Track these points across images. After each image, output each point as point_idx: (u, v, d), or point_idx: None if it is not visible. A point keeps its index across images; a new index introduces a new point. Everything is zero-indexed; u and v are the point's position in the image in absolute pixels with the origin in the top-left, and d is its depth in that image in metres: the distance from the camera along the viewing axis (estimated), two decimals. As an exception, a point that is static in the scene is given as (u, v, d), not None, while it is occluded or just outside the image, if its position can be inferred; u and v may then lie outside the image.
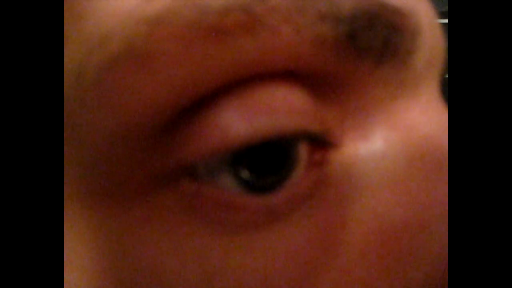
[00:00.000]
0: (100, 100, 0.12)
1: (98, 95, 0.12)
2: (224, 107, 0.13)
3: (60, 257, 0.13)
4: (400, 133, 0.14)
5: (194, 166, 0.13)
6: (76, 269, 0.14)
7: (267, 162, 0.13)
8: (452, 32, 0.14)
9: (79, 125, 0.12)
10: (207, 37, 0.12)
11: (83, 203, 0.13)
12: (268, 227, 0.13)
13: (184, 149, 0.13)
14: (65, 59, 0.12)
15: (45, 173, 0.12)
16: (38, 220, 0.12)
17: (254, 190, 0.13)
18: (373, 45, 0.13)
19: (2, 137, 0.12)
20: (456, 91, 0.13)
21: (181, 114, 0.13)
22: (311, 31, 0.13)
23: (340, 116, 0.14)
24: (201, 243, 0.13)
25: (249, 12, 0.12)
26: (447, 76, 0.15)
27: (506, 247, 0.13)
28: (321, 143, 0.14)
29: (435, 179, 0.14)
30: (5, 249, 0.12)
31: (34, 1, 0.12)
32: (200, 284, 0.13)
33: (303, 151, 0.13)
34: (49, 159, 0.12)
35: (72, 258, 0.14)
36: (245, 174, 0.13)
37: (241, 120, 0.13)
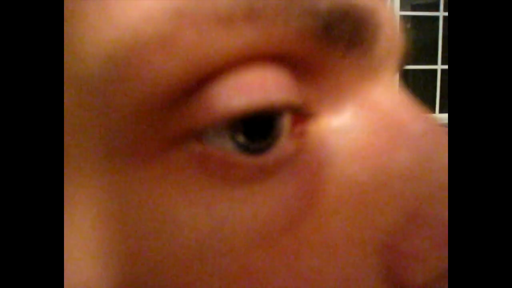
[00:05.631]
0: (130, 75, 0.15)
1: (128, 71, 0.15)
2: (227, 84, 0.16)
3: (60, 220, 0.15)
4: (366, 109, 0.18)
5: (201, 131, 0.16)
6: (77, 232, 0.16)
7: (259, 130, 0.16)
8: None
9: (109, 96, 0.15)
10: (218, 25, 0.15)
11: (101, 164, 0.16)
12: (261, 181, 0.16)
13: (193, 117, 0.16)
14: (95, 42, 0.15)
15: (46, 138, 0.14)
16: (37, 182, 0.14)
17: (249, 152, 0.16)
18: (344, 35, 0.17)
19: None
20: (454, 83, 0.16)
21: (192, 88, 0.16)
22: (297, 22, 0.16)
23: (317, 94, 0.17)
24: (209, 196, 0.16)
25: (252, 6, 0.15)
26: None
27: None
28: (301, 115, 0.17)
29: (395, 145, 0.17)
30: (6, 212, 0.14)
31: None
32: (210, 231, 0.16)
33: (287, 122, 0.17)
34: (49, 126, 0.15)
35: (75, 220, 0.16)
36: (241, 138, 0.16)
37: (240, 94, 0.16)
